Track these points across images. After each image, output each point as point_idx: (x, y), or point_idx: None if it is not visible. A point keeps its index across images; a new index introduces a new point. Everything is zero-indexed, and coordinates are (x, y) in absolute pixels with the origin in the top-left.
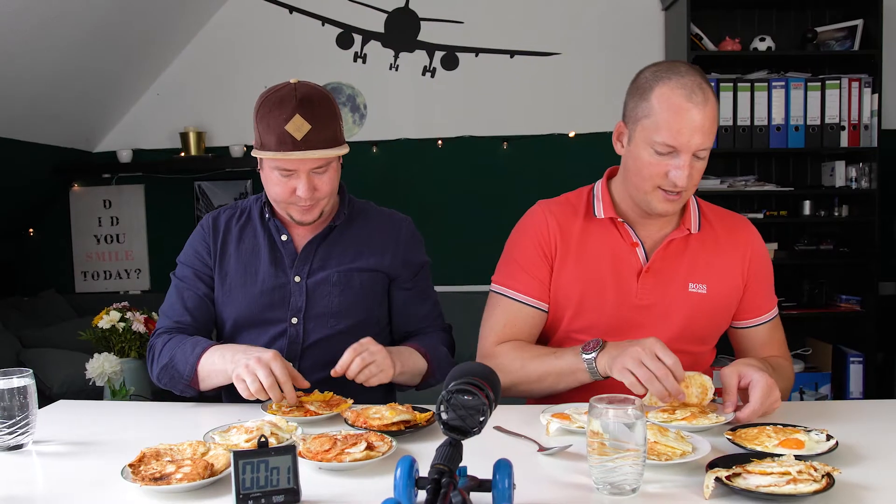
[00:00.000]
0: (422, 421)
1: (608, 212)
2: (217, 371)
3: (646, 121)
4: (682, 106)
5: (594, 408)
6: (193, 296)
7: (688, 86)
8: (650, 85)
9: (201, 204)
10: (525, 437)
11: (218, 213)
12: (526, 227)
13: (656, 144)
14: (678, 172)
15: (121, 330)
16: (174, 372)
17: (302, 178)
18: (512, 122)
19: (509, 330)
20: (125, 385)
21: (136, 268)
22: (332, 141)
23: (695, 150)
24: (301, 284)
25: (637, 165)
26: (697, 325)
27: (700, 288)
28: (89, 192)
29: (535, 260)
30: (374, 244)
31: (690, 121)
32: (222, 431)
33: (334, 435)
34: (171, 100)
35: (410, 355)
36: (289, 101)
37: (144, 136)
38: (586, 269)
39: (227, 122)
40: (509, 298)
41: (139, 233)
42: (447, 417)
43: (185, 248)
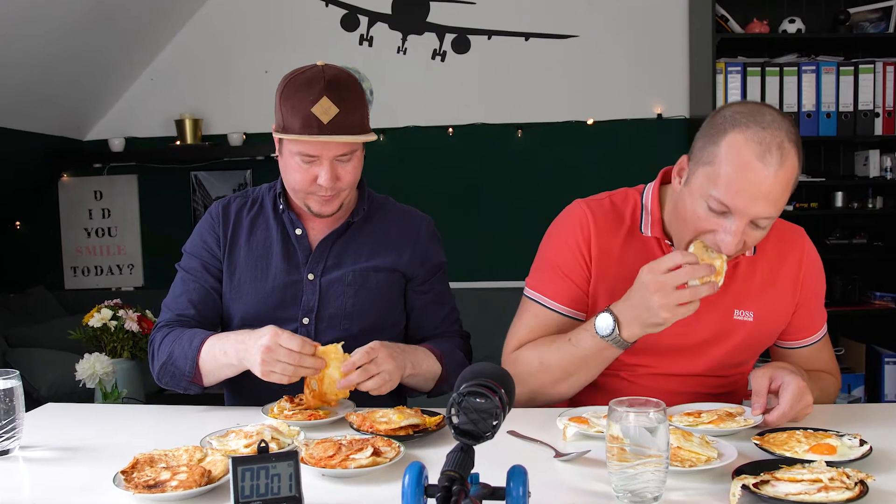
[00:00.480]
0: (431, 425)
1: (656, 231)
2: (222, 366)
3: (708, 168)
4: (751, 164)
5: (614, 411)
6: (199, 288)
7: (765, 141)
8: (724, 128)
9: (198, 195)
10: (541, 442)
11: (228, 201)
12: (564, 228)
13: (711, 199)
14: (726, 237)
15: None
16: (174, 369)
17: (325, 166)
18: (527, 108)
19: (535, 336)
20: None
21: (129, 263)
22: (360, 127)
23: (753, 218)
24: (314, 283)
25: (686, 213)
26: (740, 351)
27: (746, 315)
28: (79, 182)
29: (573, 265)
30: (392, 243)
31: (756, 183)
32: (220, 436)
33: (338, 440)
34: (166, 85)
35: (425, 357)
36: (316, 82)
37: (138, 123)
38: (622, 288)
39: (225, 109)
40: (541, 305)
41: (132, 226)
42: (458, 421)
43: (192, 237)
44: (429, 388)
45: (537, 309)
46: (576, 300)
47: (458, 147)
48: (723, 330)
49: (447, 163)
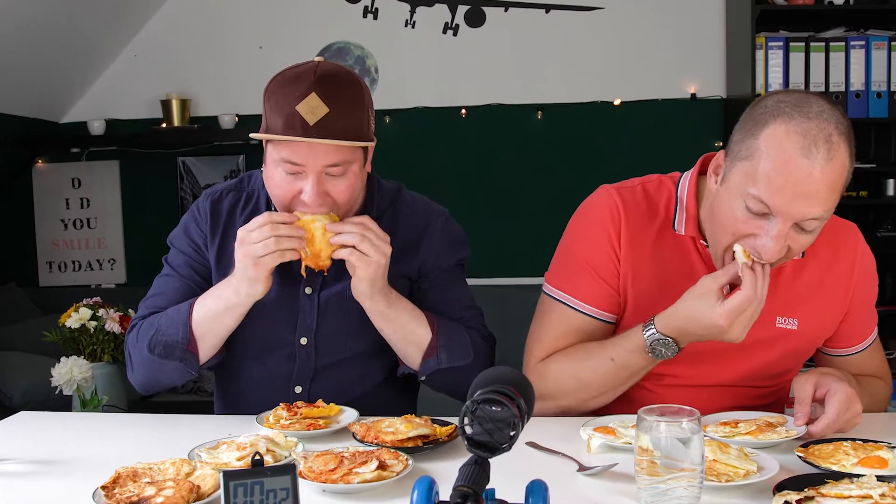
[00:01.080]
0: (442, 436)
1: (691, 230)
2: (219, 315)
3: (746, 163)
4: (793, 159)
5: (643, 420)
6: (184, 287)
7: (811, 133)
8: (765, 119)
9: (186, 183)
10: (563, 454)
11: (219, 194)
12: (592, 218)
13: (750, 198)
14: (766, 242)
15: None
16: (166, 338)
17: (310, 179)
18: (547, 88)
19: (562, 343)
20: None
21: (110, 257)
22: (354, 133)
23: (797, 220)
24: (312, 298)
25: (722, 214)
26: (783, 361)
27: (790, 323)
28: (55, 169)
29: (604, 261)
30: (402, 246)
31: (799, 180)
32: (210, 448)
33: (340, 452)
34: (151, 62)
35: (411, 313)
36: (306, 77)
37: (119, 104)
38: (655, 290)
39: (215, 88)
40: (567, 306)
41: (113, 217)
42: (472, 431)
43: (178, 230)
44: (413, 357)
45: (563, 311)
46: (607, 301)
47: (472, 130)
48: (763, 339)
49: (459, 147)
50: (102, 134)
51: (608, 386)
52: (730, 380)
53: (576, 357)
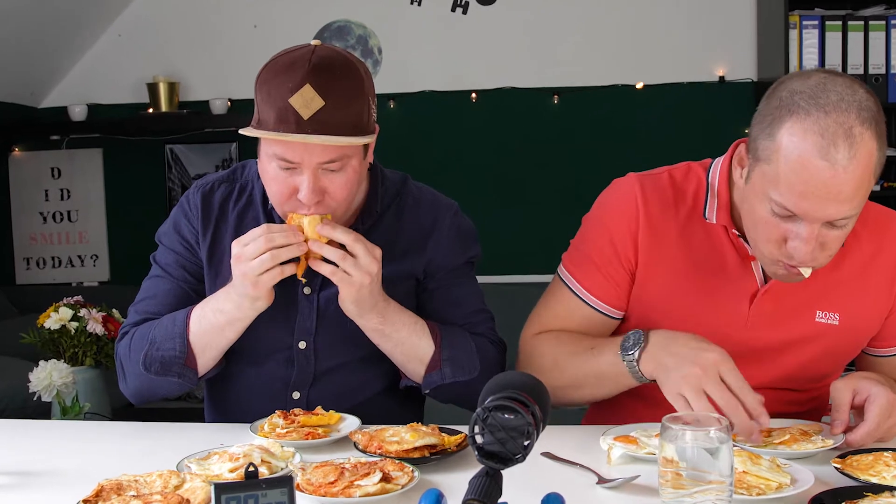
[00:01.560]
0: (451, 445)
1: (722, 218)
2: (219, 329)
3: (765, 166)
4: (812, 163)
5: (668, 429)
6: (176, 289)
7: (829, 132)
8: (781, 114)
9: (174, 172)
10: (581, 465)
11: (210, 185)
12: (607, 210)
13: (773, 203)
14: (799, 245)
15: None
16: (162, 353)
17: (306, 176)
18: (564, 70)
19: (558, 324)
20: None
21: (93, 253)
22: (353, 127)
23: (827, 221)
24: (311, 298)
25: (752, 218)
26: (822, 362)
27: (831, 318)
28: (33, 157)
29: (610, 259)
30: (408, 244)
31: (821, 185)
32: (201, 458)
33: (341, 463)
34: (137, 42)
35: (412, 324)
36: (300, 66)
37: (103, 87)
38: (680, 285)
39: (205, 71)
40: (572, 292)
41: (96, 209)
42: (483, 441)
43: (167, 226)
44: (417, 371)
45: (567, 296)
46: (611, 296)
47: (483, 116)
48: (802, 335)
49: (469, 135)
50: (84, 120)
51: (578, 381)
52: (766, 382)
53: (564, 340)
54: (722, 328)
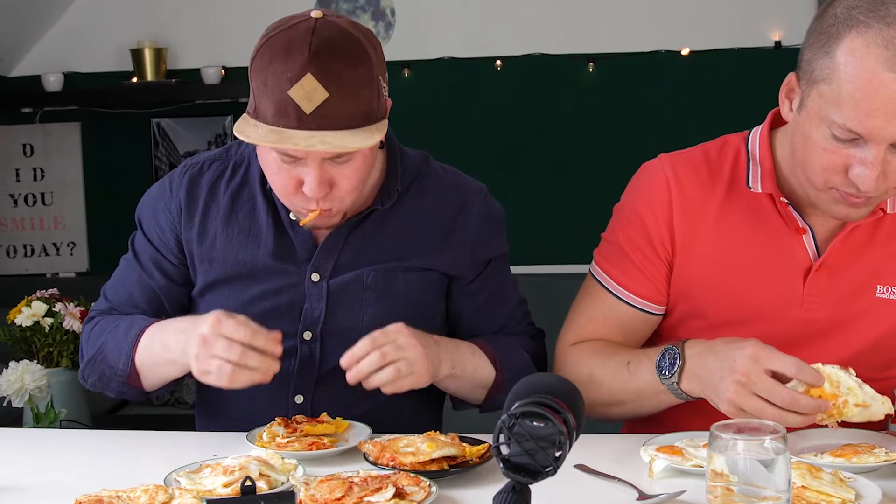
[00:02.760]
0: (473, 457)
1: (768, 185)
2: (162, 364)
3: (824, 86)
4: (879, 76)
5: (717, 438)
6: (143, 285)
7: (894, 42)
8: (838, 30)
9: (161, 149)
10: (619, 479)
11: (199, 166)
12: (638, 199)
13: (835, 126)
14: (863, 171)
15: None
16: (104, 367)
17: (311, 168)
18: (601, 34)
19: (593, 329)
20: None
21: (70, 240)
22: (362, 116)
23: (894, 141)
24: (320, 286)
25: (806, 148)
26: (886, 345)
27: (893, 293)
28: (2, 133)
29: (646, 251)
30: (430, 230)
31: (889, 100)
32: (191, 472)
33: (349, 477)
34: (119, 2)
35: (470, 356)
36: (300, 48)
37: (81, 54)
38: (725, 264)
39: (196, 35)
40: (607, 290)
41: (74, 190)
42: (509, 452)
43: (147, 203)
44: (478, 398)
45: (603, 295)
46: (650, 292)
47: (509, 86)
48: (862, 312)
49: (493, 108)
50: (60, 90)
51: (617, 397)
52: None
53: (600, 351)
54: (774, 309)
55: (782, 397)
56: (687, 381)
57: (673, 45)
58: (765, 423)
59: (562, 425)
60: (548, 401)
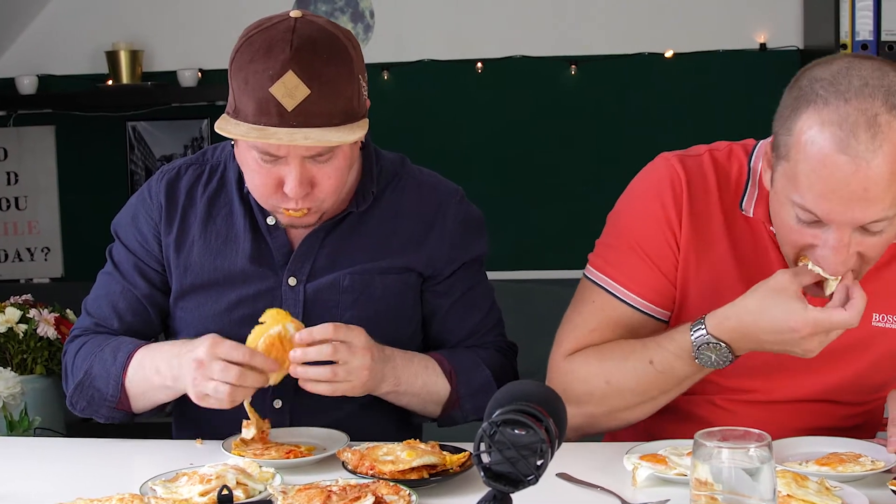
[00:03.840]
0: (454, 465)
1: (760, 212)
2: (155, 388)
3: (785, 164)
4: (830, 158)
5: (701, 447)
6: (126, 294)
7: (848, 121)
8: (798, 106)
9: (137, 153)
10: (602, 488)
11: (175, 171)
12: (648, 192)
13: (796, 207)
14: (825, 254)
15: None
16: (93, 392)
17: (292, 167)
18: (584, 36)
19: (598, 337)
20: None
21: (44, 245)
22: (343, 114)
23: (856, 226)
24: (297, 290)
25: (777, 224)
26: (879, 371)
27: (890, 321)
28: None
29: (661, 245)
30: (406, 232)
31: (843, 182)
32: (167, 480)
33: (328, 485)
34: (94, 4)
35: (423, 370)
36: (280, 48)
37: (55, 56)
38: (726, 284)
39: (173, 37)
40: (611, 294)
41: (48, 195)
42: (491, 460)
43: (124, 216)
44: (432, 413)
45: (604, 300)
46: (659, 293)
47: (490, 89)
48: (858, 340)
49: (474, 111)
50: (34, 93)
51: (645, 395)
52: (814, 393)
53: (610, 356)
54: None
55: None
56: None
57: (657, 47)
58: (750, 431)
59: (543, 433)
60: (529, 408)
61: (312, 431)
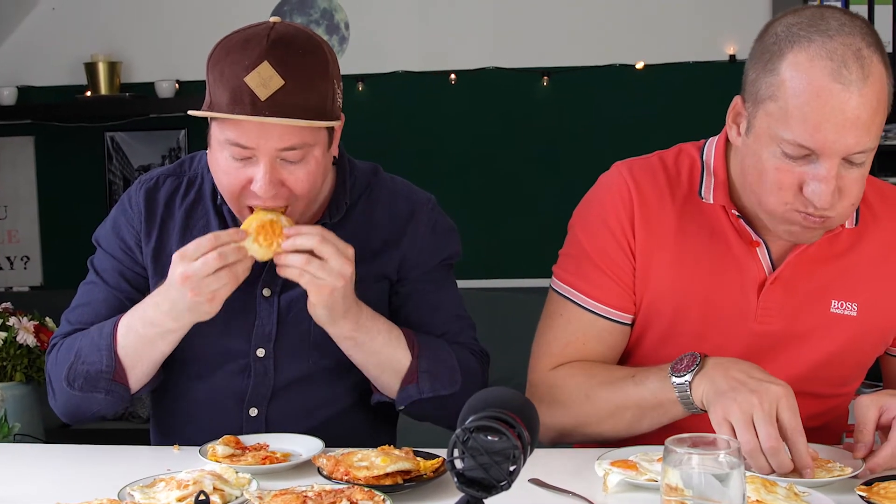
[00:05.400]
0: (427, 471)
1: (720, 197)
2: (155, 340)
3: (771, 104)
4: (826, 87)
5: (671, 453)
6: (112, 300)
7: (838, 53)
8: (781, 48)
9: (115, 163)
10: (573, 493)
11: (154, 181)
12: (601, 205)
13: (785, 143)
14: (818, 187)
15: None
16: (87, 367)
17: (262, 164)
18: (556, 48)
19: (574, 350)
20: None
21: (23, 254)
22: (316, 110)
23: (846, 154)
24: (271, 301)
25: (759, 170)
26: (840, 361)
27: (848, 308)
28: None
29: (615, 255)
30: (379, 238)
31: (839, 110)
32: (145, 486)
33: (303, 491)
34: (73, 16)
35: (386, 332)
36: (257, 41)
37: (35, 68)
38: (682, 275)
39: (150, 49)
40: (578, 306)
41: (27, 204)
42: (464, 466)
43: (105, 227)
44: (390, 384)
45: (573, 312)
46: (622, 299)
47: (463, 100)
48: (816, 327)
49: (448, 122)
50: (13, 104)
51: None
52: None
53: (594, 371)
54: (729, 321)
55: (771, 444)
56: (699, 385)
57: (628, 58)
58: (720, 438)
59: (516, 439)
60: (502, 415)
61: (288, 438)
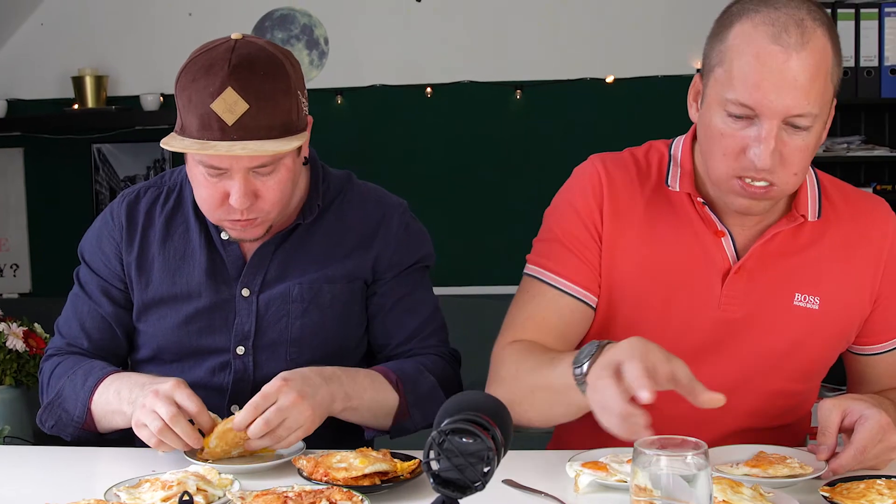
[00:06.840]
0: (404, 472)
1: (686, 185)
2: (113, 412)
3: (718, 69)
4: (765, 49)
5: (640, 454)
6: (93, 314)
7: (780, 20)
8: (731, 20)
9: (102, 174)
10: (545, 494)
11: (135, 194)
12: (571, 192)
13: (729, 104)
14: (758, 149)
15: None
16: (61, 412)
17: (236, 180)
18: (528, 62)
19: (533, 325)
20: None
21: (12, 262)
22: (281, 127)
23: (785, 116)
24: (250, 301)
25: (708, 137)
26: (802, 354)
27: (811, 301)
28: None
29: (582, 236)
30: (353, 242)
31: (775, 69)
32: (130, 486)
33: (284, 492)
34: (61, 32)
35: (371, 385)
36: (220, 65)
37: (23, 81)
38: (647, 261)
39: (136, 63)
40: (545, 283)
41: (16, 214)
42: (439, 468)
43: (89, 239)
44: (384, 425)
45: (539, 289)
46: (587, 279)
47: (440, 113)
48: (777, 317)
49: (424, 133)
50: (3, 117)
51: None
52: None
53: (530, 351)
54: (692, 309)
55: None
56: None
57: (598, 72)
58: (687, 440)
59: (490, 441)
60: (476, 418)
61: None
